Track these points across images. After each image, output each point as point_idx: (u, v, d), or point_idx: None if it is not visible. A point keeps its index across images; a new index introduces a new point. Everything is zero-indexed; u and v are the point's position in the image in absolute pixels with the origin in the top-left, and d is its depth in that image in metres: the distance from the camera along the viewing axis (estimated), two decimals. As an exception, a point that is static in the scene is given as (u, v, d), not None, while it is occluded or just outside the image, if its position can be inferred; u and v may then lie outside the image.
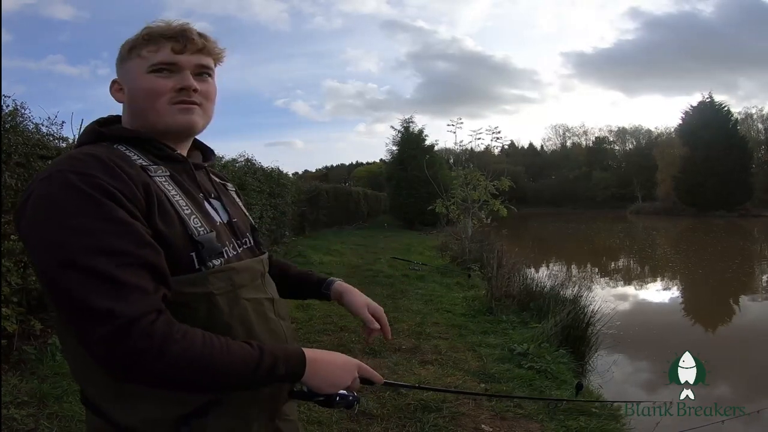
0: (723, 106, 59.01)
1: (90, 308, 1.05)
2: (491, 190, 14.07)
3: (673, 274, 17.68)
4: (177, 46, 1.39)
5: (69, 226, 1.09)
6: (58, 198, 1.13)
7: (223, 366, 1.15)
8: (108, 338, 1.04)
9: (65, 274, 1.07)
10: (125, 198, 1.15)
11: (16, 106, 5.35)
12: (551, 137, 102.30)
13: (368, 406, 4.23)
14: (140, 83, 1.37)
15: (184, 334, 1.11)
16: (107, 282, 1.06)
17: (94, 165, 1.18)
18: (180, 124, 1.39)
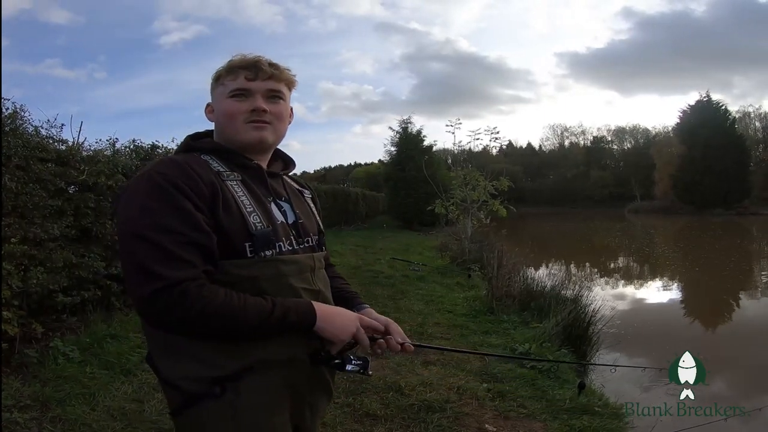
0: (720, 104, 59.36)
1: (145, 269, 1.38)
2: (490, 190, 14.07)
3: (671, 273, 17.71)
4: (250, 75, 1.70)
5: (145, 208, 1.44)
6: (142, 188, 1.48)
7: (241, 314, 1.43)
8: (153, 294, 1.36)
9: (134, 242, 1.42)
10: (192, 191, 1.47)
11: (15, 108, 5.36)
12: (549, 137, 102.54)
13: (372, 408, 4.24)
14: (222, 106, 1.71)
15: (210, 291, 1.41)
16: (162, 252, 1.39)
17: (173, 167, 1.52)
18: (252, 139, 1.70)
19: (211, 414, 1.52)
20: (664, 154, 65.23)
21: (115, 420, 3.81)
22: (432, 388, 4.70)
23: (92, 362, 4.78)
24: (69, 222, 5.64)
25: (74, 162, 5.88)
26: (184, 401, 1.54)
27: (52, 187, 5.43)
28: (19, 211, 4.95)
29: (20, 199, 4.93)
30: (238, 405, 1.52)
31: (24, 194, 4.97)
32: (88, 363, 4.74)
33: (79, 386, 4.26)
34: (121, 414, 3.91)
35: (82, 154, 6.17)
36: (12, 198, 4.83)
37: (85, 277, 5.78)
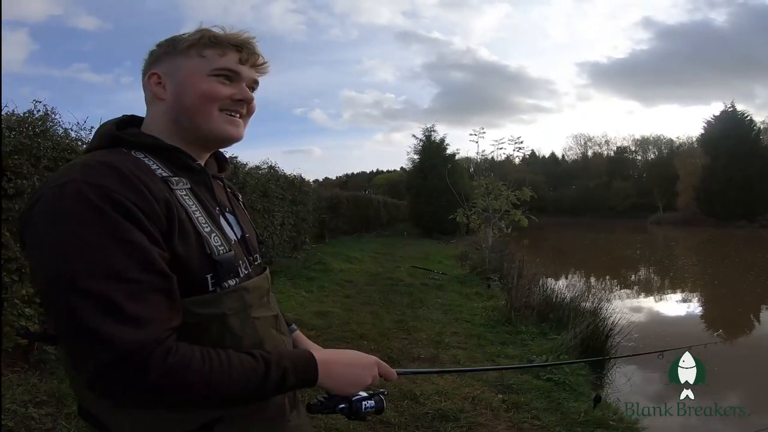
0: (745, 115, 58.62)
1: (90, 334, 1.00)
2: (512, 200, 14.05)
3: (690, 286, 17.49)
4: (243, 57, 1.36)
5: (77, 245, 1.03)
6: (68, 211, 1.05)
7: (226, 384, 1.11)
8: (104, 366, 1.00)
9: (69, 297, 1.01)
10: (144, 215, 1.08)
11: (46, 111, 5.42)
12: (572, 146, 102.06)
13: (386, 415, 4.25)
14: (197, 83, 1.30)
15: (182, 358, 1.06)
16: (111, 309, 1.01)
17: (110, 175, 1.10)
18: (226, 134, 1.36)
19: None
20: (688, 164, 64.59)
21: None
22: (447, 397, 4.71)
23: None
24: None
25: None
26: None
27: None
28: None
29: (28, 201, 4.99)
30: None
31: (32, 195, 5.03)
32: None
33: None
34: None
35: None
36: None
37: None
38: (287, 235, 12.86)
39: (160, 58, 1.36)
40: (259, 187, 10.50)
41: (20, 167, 4.71)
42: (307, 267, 11.87)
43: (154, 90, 1.33)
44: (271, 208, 11.33)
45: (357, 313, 8.07)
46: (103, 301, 1.00)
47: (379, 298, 9.35)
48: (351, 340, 6.54)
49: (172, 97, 1.32)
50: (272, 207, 11.39)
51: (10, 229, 4.52)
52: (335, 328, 7.07)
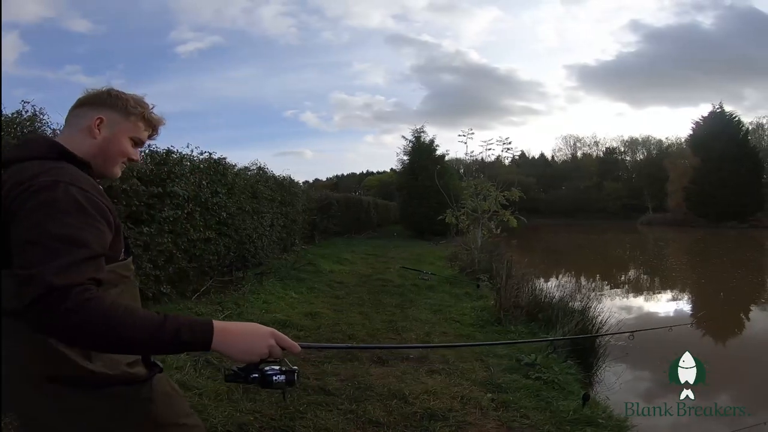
0: (734, 116, 59.06)
1: (47, 274, 1.34)
2: (501, 200, 14.08)
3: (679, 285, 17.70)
4: (152, 135, 1.98)
5: (70, 225, 1.46)
6: (63, 202, 1.49)
7: (128, 325, 1.37)
8: (50, 295, 1.33)
9: (43, 253, 1.39)
10: (108, 211, 1.61)
11: (35, 111, 5.41)
12: (562, 147, 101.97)
13: (375, 414, 4.27)
14: (122, 145, 1.85)
15: (97, 297, 1.37)
16: (70, 261, 1.39)
17: (88, 183, 1.62)
18: (115, 176, 1.91)
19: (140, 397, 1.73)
20: (678, 165, 64.82)
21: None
22: (436, 396, 4.70)
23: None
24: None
25: (88, 165, 5.93)
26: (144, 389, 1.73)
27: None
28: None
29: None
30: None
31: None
32: (95, 365, 4.78)
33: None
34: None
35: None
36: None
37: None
38: (277, 236, 12.85)
39: (108, 107, 1.85)
40: (247, 188, 10.48)
41: (7, 168, 4.70)
42: (296, 268, 11.84)
43: (94, 129, 1.82)
44: (260, 209, 11.32)
45: (347, 314, 8.07)
46: (65, 255, 1.39)
47: (369, 299, 9.35)
48: (340, 340, 6.54)
49: (102, 142, 1.82)
50: (261, 208, 11.38)
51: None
52: (325, 328, 7.07)
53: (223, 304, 7.55)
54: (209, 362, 5.21)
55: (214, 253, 8.63)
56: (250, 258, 10.65)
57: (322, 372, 5.27)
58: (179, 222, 7.29)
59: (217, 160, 9.20)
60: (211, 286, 8.54)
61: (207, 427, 3.79)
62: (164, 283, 7.07)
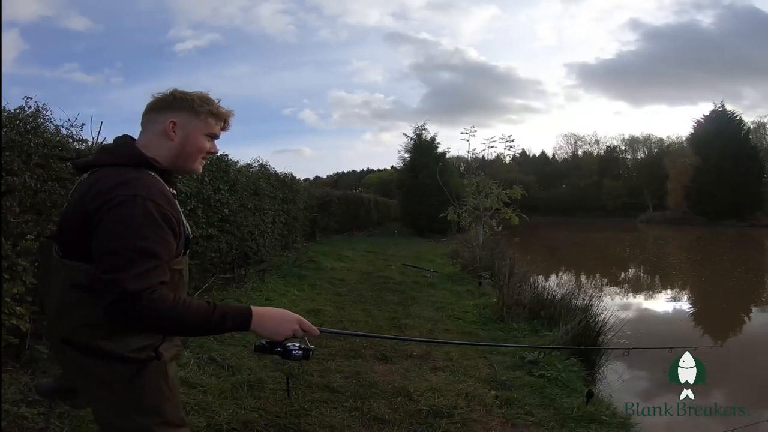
0: (735, 115, 58.92)
1: (124, 281, 1.70)
2: (503, 198, 14.08)
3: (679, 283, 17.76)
4: (225, 126, 2.18)
5: (137, 242, 1.76)
6: (139, 216, 1.78)
7: (187, 316, 1.79)
8: (124, 299, 1.69)
9: (117, 262, 1.72)
10: (177, 225, 1.91)
11: (37, 107, 5.40)
12: (563, 146, 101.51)
13: (380, 412, 4.28)
14: (198, 141, 2.09)
15: (166, 303, 1.75)
16: (141, 271, 1.73)
17: (161, 196, 1.88)
18: (197, 172, 2.21)
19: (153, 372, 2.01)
20: (678, 164, 64.75)
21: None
22: (440, 393, 4.71)
23: (103, 360, 4.81)
24: (85, 221, 5.68)
25: (93, 162, 5.93)
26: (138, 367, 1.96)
27: (71, 185, 5.48)
28: (38, 208, 5.00)
29: (39, 197, 4.97)
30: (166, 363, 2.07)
31: (42, 192, 5.01)
32: (98, 361, 4.78)
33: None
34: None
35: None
36: (31, 195, 4.88)
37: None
38: (278, 234, 12.83)
39: (177, 110, 2.06)
40: (249, 185, 10.46)
41: (11, 164, 4.69)
42: (298, 265, 11.84)
43: (169, 132, 2.04)
44: (262, 206, 11.29)
45: (349, 311, 8.07)
46: (137, 266, 1.73)
47: (371, 296, 9.36)
48: (343, 338, 6.52)
49: (179, 143, 2.05)
50: (263, 205, 11.35)
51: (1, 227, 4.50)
52: (327, 326, 7.02)
53: (226, 301, 7.52)
54: (213, 360, 5.22)
55: (216, 250, 8.60)
56: (252, 255, 10.63)
57: (326, 369, 5.27)
58: (181, 219, 7.29)
59: (219, 156, 9.16)
60: (214, 283, 8.52)
61: (211, 425, 3.81)
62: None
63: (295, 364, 4.89)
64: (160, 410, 2.05)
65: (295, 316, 2.06)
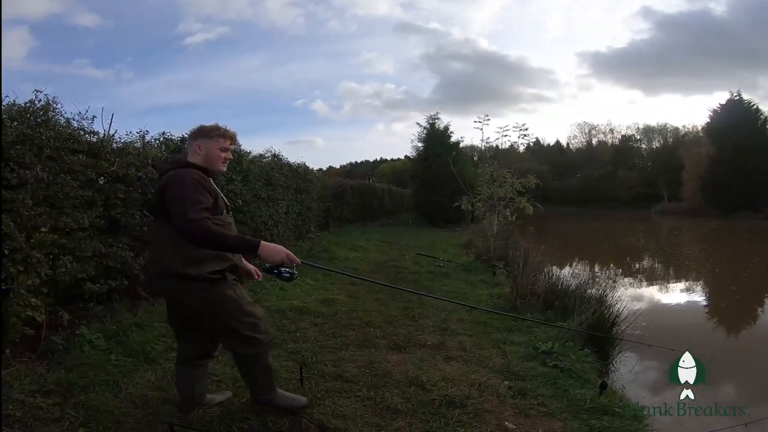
0: (752, 104, 58.12)
1: (185, 214, 3.11)
2: (518, 187, 14.03)
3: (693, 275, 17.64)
4: (232, 142, 3.68)
5: (189, 194, 3.19)
6: (187, 183, 3.25)
7: (224, 238, 3.14)
8: (191, 221, 3.08)
9: (185, 202, 3.15)
10: (207, 188, 3.32)
11: (47, 101, 5.42)
12: (577, 135, 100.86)
13: (393, 401, 4.28)
14: (215, 152, 3.57)
15: (210, 223, 3.12)
16: (194, 209, 3.12)
17: (199, 176, 3.36)
18: (221, 171, 3.74)
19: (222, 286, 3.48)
20: (693, 154, 64.04)
21: (137, 407, 3.89)
22: (453, 383, 4.71)
23: (116, 350, 4.86)
24: (98, 212, 5.73)
25: (105, 154, 5.96)
26: (209, 284, 3.41)
27: (83, 177, 5.51)
28: (50, 201, 5.03)
29: (51, 189, 5.01)
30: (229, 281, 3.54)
31: (55, 185, 5.04)
32: (112, 351, 4.82)
33: (103, 373, 4.33)
34: (143, 402, 3.99)
35: (112, 146, 6.25)
36: (43, 188, 4.91)
37: (113, 267, 5.87)
38: (292, 224, 12.87)
39: (199, 137, 3.58)
40: (263, 175, 10.47)
41: (23, 157, 4.72)
42: (312, 255, 11.84)
43: (197, 150, 3.55)
44: (276, 196, 11.32)
45: (363, 301, 8.07)
46: (195, 207, 3.14)
47: (384, 287, 9.34)
48: (357, 327, 6.52)
49: (204, 156, 3.55)
50: (276, 195, 11.38)
51: (14, 220, 4.52)
52: (341, 315, 7.06)
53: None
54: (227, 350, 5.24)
55: (230, 241, 8.57)
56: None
57: (339, 359, 5.28)
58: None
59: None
60: (227, 273, 8.51)
61: (225, 414, 3.83)
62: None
63: (309, 354, 5.02)
64: (235, 314, 3.52)
65: (285, 250, 3.30)
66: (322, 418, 3.91)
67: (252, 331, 3.57)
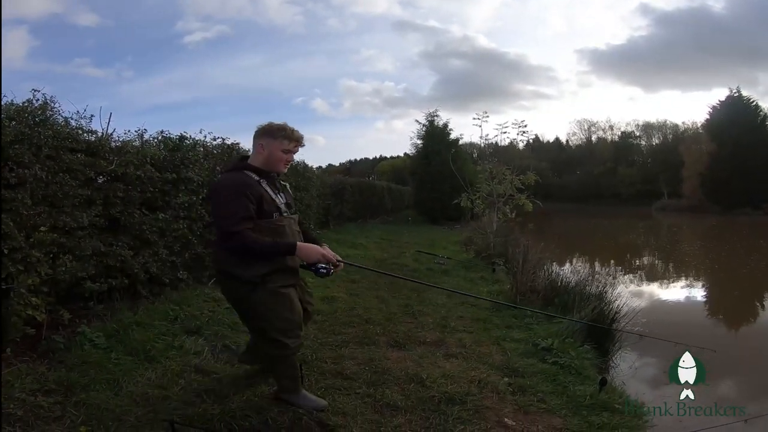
0: (751, 101, 58.10)
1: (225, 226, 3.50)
2: (517, 184, 14.03)
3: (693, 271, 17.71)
4: (295, 144, 3.78)
5: (224, 209, 3.49)
6: (225, 192, 3.54)
7: (262, 248, 3.49)
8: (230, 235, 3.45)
9: (222, 216, 3.53)
10: (250, 194, 3.48)
11: (45, 100, 5.42)
12: (576, 132, 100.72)
13: (392, 398, 4.29)
14: (277, 154, 3.70)
15: (253, 237, 3.45)
16: (231, 221, 3.43)
17: (240, 180, 3.57)
18: (282, 171, 3.81)
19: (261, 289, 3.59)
20: (693, 151, 63.95)
21: (138, 405, 3.88)
22: (453, 380, 4.72)
23: (117, 349, 4.85)
24: (98, 211, 5.72)
25: (103, 152, 5.95)
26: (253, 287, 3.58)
27: (82, 176, 5.51)
28: (49, 200, 5.03)
29: (50, 189, 5.01)
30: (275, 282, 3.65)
31: (54, 184, 5.04)
32: (113, 349, 4.81)
33: (104, 372, 4.33)
34: (144, 400, 3.98)
35: (111, 144, 6.25)
36: (42, 187, 4.91)
37: (113, 266, 5.87)
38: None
39: (264, 136, 3.73)
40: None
41: (21, 157, 4.72)
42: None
43: (260, 150, 3.71)
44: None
45: (363, 299, 8.07)
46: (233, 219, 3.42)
47: (384, 284, 9.32)
48: (357, 324, 6.53)
49: (266, 156, 3.71)
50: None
51: (14, 219, 4.52)
52: (341, 313, 7.06)
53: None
54: (227, 347, 5.25)
55: (230, 239, 8.55)
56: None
57: (339, 356, 5.29)
58: (194, 207, 7.25)
59: (230, 145, 9.15)
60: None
61: (226, 411, 3.83)
62: (181, 268, 7.07)
63: (309, 351, 5.03)
64: (268, 316, 3.66)
65: (320, 250, 3.64)
66: (322, 415, 3.92)
67: (280, 334, 3.68)
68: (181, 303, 6.40)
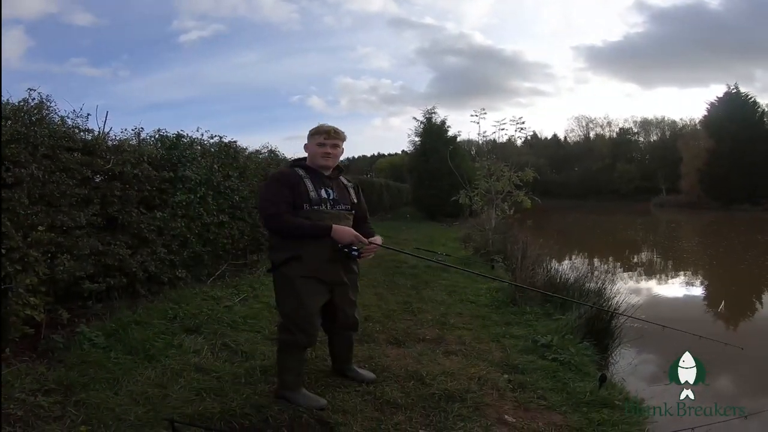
0: (749, 97, 58.23)
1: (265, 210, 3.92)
2: (515, 181, 14.03)
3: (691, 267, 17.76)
4: (327, 136, 4.04)
5: (265, 193, 4.00)
6: (267, 182, 4.22)
7: (299, 227, 3.80)
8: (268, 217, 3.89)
9: (263, 202, 3.96)
10: (288, 184, 3.90)
11: (41, 99, 5.41)
12: (574, 128, 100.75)
13: (393, 396, 4.28)
14: (313, 148, 4.07)
15: (289, 215, 3.81)
16: (269, 204, 3.86)
17: (281, 172, 4.20)
18: (323, 164, 4.06)
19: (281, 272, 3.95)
20: (691, 147, 64.08)
21: (137, 404, 3.86)
22: (453, 377, 4.71)
23: (116, 348, 4.84)
24: (95, 210, 5.72)
25: (100, 151, 5.95)
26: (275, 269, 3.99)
27: (79, 175, 5.50)
28: (47, 199, 5.02)
29: (47, 188, 5.00)
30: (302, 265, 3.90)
31: (51, 183, 5.04)
32: (112, 348, 4.80)
33: (103, 371, 4.31)
34: (144, 399, 3.97)
35: (107, 143, 6.24)
36: (39, 187, 4.90)
37: (111, 265, 5.86)
38: (290, 220, 12.77)
39: (307, 138, 4.14)
40: (260, 171, 10.43)
41: (18, 156, 4.71)
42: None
43: (305, 150, 4.18)
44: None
45: (362, 296, 7.95)
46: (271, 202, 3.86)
47: (383, 280, 9.32)
48: (358, 322, 6.53)
49: (309, 153, 4.13)
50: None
51: (11, 219, 4.51)
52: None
53: (239, 288, 7.52)
54: (227, 346, 5.24)
55: (228, 237, 8.57)
56: (264, 241, 10.60)
57: (339, 354, 5.25)
58: (192, 206, 7.26)
59: (227, 143, 9.14)
60: (226, 269, 8.51)
61: (225, 410, 3.82)
62: (179, 267, 7.06)
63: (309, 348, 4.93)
64: (279, 300, 4.06)
65: (353, 231, 3.90)
66: (322, 413, 3.91)
67: (288, 321, 4.03)
68: (180, 302, 6.38)
